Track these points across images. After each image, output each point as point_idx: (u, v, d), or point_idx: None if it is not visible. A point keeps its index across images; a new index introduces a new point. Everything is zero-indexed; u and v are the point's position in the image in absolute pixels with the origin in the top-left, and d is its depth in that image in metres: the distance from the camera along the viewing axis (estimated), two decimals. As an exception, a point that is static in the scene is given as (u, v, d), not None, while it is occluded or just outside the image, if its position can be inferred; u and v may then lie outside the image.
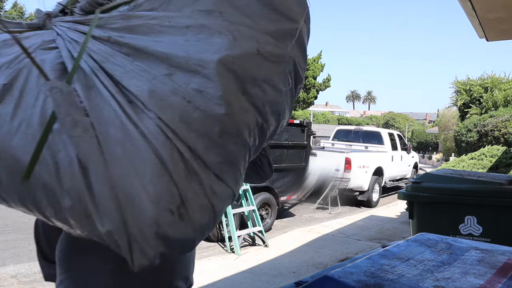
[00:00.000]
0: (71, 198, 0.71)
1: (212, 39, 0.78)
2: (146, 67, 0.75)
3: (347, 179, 9.17)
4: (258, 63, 0.81)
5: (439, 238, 1.30)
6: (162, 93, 0.72)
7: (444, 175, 4.27)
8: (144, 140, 0.70)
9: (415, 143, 40.67)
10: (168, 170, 0.70)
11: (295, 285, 0.97)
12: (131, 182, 0.69)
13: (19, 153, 0.73)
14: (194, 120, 0.73)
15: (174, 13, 0.80)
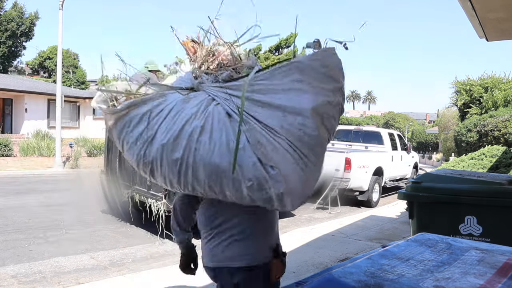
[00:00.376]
0: (250, 181, 1.49)
1: (304, 96, 1.57)
2: (271, 112, 1.54)
3: (347, 179, 9.16)
4: (329, 107, 1.64)
5: (439, 238, 1.30)
6: (284, 127, 1.52)
7: (444, 175, 4.27)
8: (287, 150, 1.51)
9: (415, 143, 40.65)
10: (302, 164, 1.55)
11: (295, 285, 0.97)
12: (287, 169, 1.50)
13: (218, 162, 1.51)
14: (303, 139, 1.54)
15: (279, 81, 1.58)
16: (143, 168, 1.76)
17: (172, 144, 1.60)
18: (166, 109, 1.65)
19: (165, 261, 5.11)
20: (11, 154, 15.48)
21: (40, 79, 33.07)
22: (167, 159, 1.62)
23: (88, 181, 9.32)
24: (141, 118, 1.71)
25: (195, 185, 1.61)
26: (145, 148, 1.68)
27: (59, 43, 14.42)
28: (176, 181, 1.64)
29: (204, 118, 1.57)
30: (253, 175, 1.50)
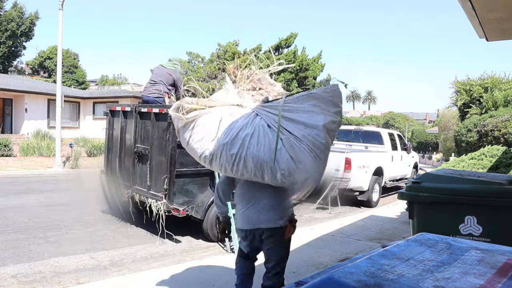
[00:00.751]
0: (283, 171, 2.46)
1: (319, 116, 2.53)
2: (296, 126, 2.50)
3: (347, 179, 9.16)
4: (333, 125, 2.58)
5: (439, 238, 1.30)
6: (305, 136, 2.49)
7: (444, 175, 4.26)
8: (307, 151, 2.49)
9: (415, 143, 40.64)
10: (316, 161, 2.54)
11: (295, 285, 0.97)
12: (307, 163, 2.50)
13: (263, 156, 2.46)
14: (316, 144, 2.51)
15: (301, 105, 2.55)
16: (204, 159, 2.72)
17: (230, 143, 2.54)
18: (223, 117, 2.66)
19: (165, 261, 5.11)
20: (11, 154, 15.48)
21: (40, 79, 33.06)
22: (226, 153, 2.56)
23: (88, 181, 9.33)
24: (204, 124, 2.70)
25: (244, 171, 2.56)
26: (207, 146, 2.64)
27: (59, 43, 14.42)
28: (230, 168, 2.58)
29: (252, 127, 2.55)
30: (286, 166, 2.48)
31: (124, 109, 6.70)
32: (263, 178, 2.55)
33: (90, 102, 25.51)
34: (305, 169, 2.53)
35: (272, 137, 2.50)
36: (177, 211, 5.55)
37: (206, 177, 5.96)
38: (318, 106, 2.57)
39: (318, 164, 2.59)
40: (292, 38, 21.89)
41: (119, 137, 6.73)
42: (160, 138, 5.89)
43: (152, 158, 6.03)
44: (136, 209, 6.39)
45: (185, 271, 4.61)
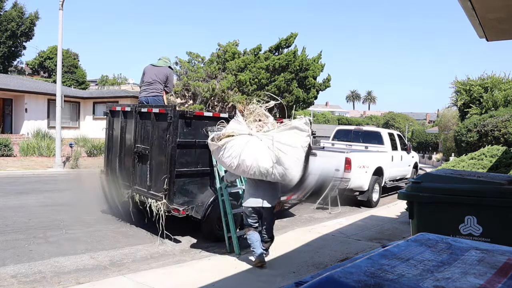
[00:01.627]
0: (279, 173, 4.48)
1: (299, 139, 4.64)
2: (285, 146, 4.50)
3: (347, 179, 9.15)
4: (306, 144, 4.68)
5: (439, 238, 1.30)
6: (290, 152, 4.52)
7: (444, 175, 4.26)
8: (292, 161, 4.50)
9: (415, 143, 40.65)
10: (298, 167, 4.58)
11: (295, 285, 0.97)
12: (293, 169, 4.51)
13: (266, 166, 4.48)
14: (298, 157, 4.56)
15: (287, 133, 4.63)
16: (230, 168, 4.65)
17: (248, 162, 4.44)
18: (241, 143, 4.53)
19: (165, 261, 5.11)
20: (11, 154, 15.48)
21: (40, 79, 33.06)
22: (244, 166, 4.47)
23: (88, 181, 9.32)
24: (232, 146, 4.54)
25: (256, 174, 4.51)
26: (234, 160, 4.51)
27: (59, 43, 14.42)
28: (247, 173, 4.55)
29: (260, 151, 4.46)
30: (279, 171, 4.45)
31: (124, 109, 6.70)
32: (267, 177, 4.58)
33: (90, 102, 25.52)
34: (291, 172, 4.54)
35: (270, 154, 4.49)
36: (177, 211, 5.55)
37: (206, 177, 5.96)
38: (299, 133, 4.65)
39: (299, 168, 4.60)
40: (292, 38, 21.88)
41: (119, 137, 6.73)
42: (160, 138, 5.89)
43: (152, 158, 6.03)
44: (136, 209, 6.39)
45: (185, 271, 4.61)
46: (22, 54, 36.28)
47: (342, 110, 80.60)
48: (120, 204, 6.64)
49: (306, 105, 23.68)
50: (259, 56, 21.24)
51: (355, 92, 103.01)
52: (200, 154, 5.90)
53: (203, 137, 5.88)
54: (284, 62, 20.63)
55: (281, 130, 4.64)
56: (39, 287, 4.12)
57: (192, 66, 21.43)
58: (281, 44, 21.99)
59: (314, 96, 23.11)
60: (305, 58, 21.98)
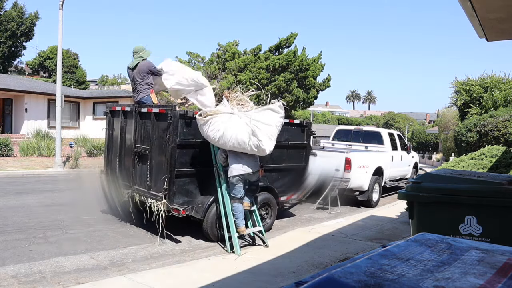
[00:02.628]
0: (254, 144, 5.31)
1: (273, 119, 5.56)
2: (261, 124, 5.38)
3: (347, 179, 9.15)
4: (279, 123, 5.62)
5: (439, 238, 1.30)
6: (265, 128, 5.40)
7: (444, 175, 4.26)
8: (266, 135, 5.38)
9: (415, 143, 40.64)
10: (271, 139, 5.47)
11: (295, 285, 0.97)
12: (266, 141, 5.36)
13: (243, 138, 5.29)
14: (271, 132, 5.45)
15: (264, 112, 5.54)
16: (213, 140, 5.42)
17: (228, 135, 5.28)
18: (224, 119, 5.37)
19: (165, 261, 5.11)
20: (11, 154, 15.48)
21: (40, 79, 33.06)
22: (225, 138, 5.30)
23: (88, 181, 9.32)
24: (216, 122, 5.35)
25: (235, 145, 5.33)
26: (217, 133, 5.32)
27: (59, 43, 14.41)
28: (228, 144, 5.34)
29: (239, 124, 5.34)
30: (254, 143, 5.31)
31: (124, 109, 6.70)
32: (244, 149, 5.35)
33: (90, 102, 25.52)
34: (264, 143, 5.31)
35: (247, 129, 5.30)
36: (177, 211, 5.55)
37: (206, 177, 5.96)
38: (273, 114, 5.51)
39: (271, 142, 5.42)
40: (292, 38, 21.88)
41: (119, 137, 6.73)
42: (160, 138, 5.88)
43: (152, 158, 6.03)
44: (136, 209, 6.39)
45: (185, 271, 4.61)
46: (22, 54, 36.30)
47: (342, 110, 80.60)
48: (120, 204, 6.64)
49: (306, 105, 23.69)
50: (259, 56, 21.24)
51: (355, 92, 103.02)
52: (200, 154, 5.90)
53: (203, 137, 5.88)
54: (284, 62, 20.63)
55: (258, 111, 5.52)
56: (39, 287, 4.12)
57: (192, 66, 21.44)
58: (281, 44, 21.99)
59: (314, 96, 23.12)
60: (305, 58, 21.98)
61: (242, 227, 5.54)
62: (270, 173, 6.96)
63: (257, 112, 5.50)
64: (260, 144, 5.29)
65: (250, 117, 5.39)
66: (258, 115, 5.43)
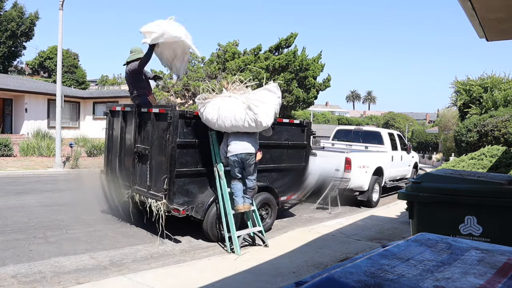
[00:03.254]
0: (251, 119, 5.40)
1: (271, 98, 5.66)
2: (258, 102, 5.48)
3: (347, 179, 9.15)
4: (278, 103, 5.76)
5: (439, 238, 1.30)
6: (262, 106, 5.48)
7: (444, 175, 4.26)
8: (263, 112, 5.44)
9: (415, 143, 40.63)
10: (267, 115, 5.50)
11: (295, 285, 0.97)
12: (263, 116, 5.44)
13: (240, 117, 5.44)
14: (270, 110, 5.53)
15: (261, 93, 5.65)
16: (212, 121, 5.55)
17: (225, 113, 5.43)
18: (220, 100, 5.60)
19: (165, 261, 5.11)
20: (11, 154, 15.48)
21: (40, 79, 33.06)
22: (222, 117, 5.45)
23: (88, 181, 9.32)
24: (213, 103, 5.59)
25: (234, 124, 5.44)
26: (214, 113, 5.50)
27: (59, 43, 14.41)
28: (225, 123, 5.47)
29: (236, 105, 5.49)
30: (250, 117, 5.39)
31: (124, 109, 6.70)
32: (243, 125, 5.43)
33: (90, 102, 25.52)
34: (261, 116, 5.38)
35: (245, 108, 5.42)
36: (177, 211, 5.55)
37: (206, 177, 5.96)
38: (271, 94, 5.62)
39: (268, 116, 5.47)
40: (292, 38, 21.88)
41: (119, 137, 6.73)
42: (160, 138, 5.88)
43: (152, 158, 6.03)
44: (136, 209, 6.39)
45: (185, 271, 4.61)
46: (22, 54, 36.31)
47: (342, 110, 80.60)
48: (120, 204, 6.64)
49: (306, 105, 23.68)
50: (259, 56, 21.24)
51: (355, 92, 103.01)
52: (200, 154, 5.90)
53: (203, 137, 5.88)
54: (284, 62, 20.63)
55: (254, 92, 5.69)
56: (39, 287, 4.12)
57: (192, 66, 21.42)
58: (281, 44, 21.98)
59: (314, 96, 23.11)
60: (305, 58, 21.97)
61: (240, 205, 5.61)
62: (270, 173, 6.96)
63: (253, 93, 5.65)
64: (256, 117, 5.34)
65: (246, 96, 5.54)
66: (254, 95, 5.55)
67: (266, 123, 5.45)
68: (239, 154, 5.55)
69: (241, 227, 5.91)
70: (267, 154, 6.70)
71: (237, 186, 5.67)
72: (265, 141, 6.54)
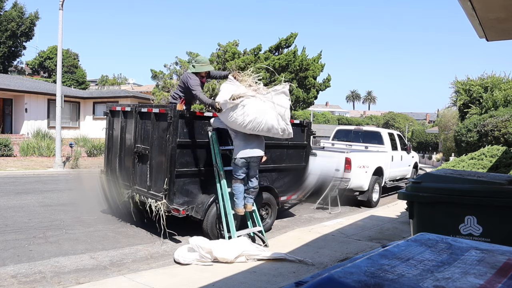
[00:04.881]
0: (282, 128, 5.51)
1: (286, 101, 5.67)
2: (278, 107, 5.51)
3: (347, 179, 9.15)
4: (289, 105, 5.70)
5: (439, 238, 1.30)
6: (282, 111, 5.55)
7: (444, 175, 4.26)
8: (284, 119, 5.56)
9: (415, 143, 40.62)
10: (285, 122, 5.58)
11: (295, 285, 0.97)
12: (288, 122, 5.60)
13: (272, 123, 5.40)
14: (286, 115, 5.56)
15: (279, 96, 5.57)
16: (241, 124, 5.26)
17: (257, 117, 5.24)
18: (254, 103, 5.27)
19: (165, 261, 5.11)
20: (11, 154, 15.48)
21: (40, 79, 33.06)
22: (253, 121, 5.23)
23: (88, 181, 9.32)
24: (247, 107, 5.21)
25: (262, 129, 5.37)
26: (247, 118, 5.21)
27: (59, 43, 14.41)
28: (256, 128, 5.31)
29: (266, 108, 5.35)
30: (282, 127, 5.49)
31: (124, 109, 6.70)
32: (273, 133, 5.51)
33: (90, 102, 25.53)
34: (290, 127, 5.62)
35: (274, 113, 5.41)
36: (177, 211, 5.55)
37: (206, 177, 5.96)
38: (286, 97, 5.64)
39: (287, 123, 5.55)
40: (292, 38, 21.88)
41: (119, 137, 6.73)
42: (160, 138, 5.88)
43: (152, 158, 6.03)
44: (136, 209, 6.39)
45: (185, 271, 4.61)
46: (22, 54, 36.37)
47: (342, 110, 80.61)
48: (120, 204, 6.64)
49: (306, 105, 23.68)
50: (259, 56, 21.24)
51: (355, 92, 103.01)
52: (200, 154, 5.90)
53: (203, 137, 5.88)
54: (284, 62, 20.63)
55: (275, 94, 5.57)
56: (39, 287, 4.12)
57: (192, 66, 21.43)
58: (281, 44, 21.99)
59: (314, 96, 23.11)
60: (305, 58, 21.98)
61: (240, 208, 5.61)
62: (270, 173, 6.96)
63: (275, 95, 5.51)
64: (287, 128, 5.53)
65: (272, 101, 5.43)
66: (277, 99, 5.48)
67: (291, 132, 5.67)
68: (248, 157, 5.53)
69: (241, 227, 5.91)
70: (267, 154, 6.70)
71: (239, 189, 5.62)
72: (265, 141, 6.53)
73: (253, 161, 5.60)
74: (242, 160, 5.52)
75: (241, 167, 5.55)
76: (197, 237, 5.00)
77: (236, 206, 5.61)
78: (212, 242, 5.08)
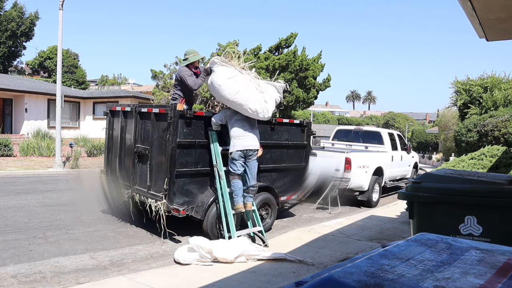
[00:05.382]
0: (260, 107, 5.70)
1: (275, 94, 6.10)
2: (266, 94, 5.91)
3: (347, 179, 9.15)
4: (279, 98, 6.17)
5: (439, 238, 1.30)
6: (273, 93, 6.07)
7: (444, 175, 4.26)
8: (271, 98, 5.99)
9: (415, 143, 40.62)
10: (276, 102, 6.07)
11: (295, 285, 0.97)
12: (272, 104, 5.91)
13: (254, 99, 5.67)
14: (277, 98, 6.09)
15: (271, 87, 6.09)
16: (227, 93, 5.55)
17: (241, 90, 5.55)
18: (243, 81, 5.68)
19: (165, 261, 5.11)
20: (11, 154, 15.48)
21: (40, 79, 33.06)
22: (236, 96, 5.53)
23: (88, 181, 9.32)
24: (236, 80, 5.62)
25: (241, 107, 5.62)
26: (234, 90, 5.54)
27: (59, 43, 14.41)
28: (233, 103, 5.61)
29: (248, 84, 5.69)
30: (263, 108, 5.72)
31: (124, 109, 6.70)
32: (253, 113, 5.64)
33: (90, 102, 25.53)
34: (269, 109, 5.80)
35: (259, 91, 5.73)
36: (177, 211, 5.54)
37: (206, 177, 5.96)
38: (276, 89, 6.06)
39: (271, 112, 5.87)
40: (292, 38, 21.87)
41: (119, 137, 6.73)
42: (160, 138, 5.88)
43: (152, 158, 6.03)
44: (136, 209, 6.39)
45: (185, 271, 4.61)
46: (22, 54, 36.38)
47: (342, 110, 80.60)
48: (120, 204, 6.64)
49: (306, 105, 23.66)
50: (259, 56, 21.23)
51: (355, 92, 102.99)
52: (200, 154, 5.90)
53: (203, 137, 5.88)
54: (284, 62, 20.62)
55: (265, 83, 6.02)
56: (39, 287, 4.12)
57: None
58: (281, 44, 21.98)
59: (314, 96, 23.09)
60: (305, 58, 21.97)
61: (240, 204, 5.63)
62: (270, 173, 6.96)
63: (263, 83, 5.91)
64: (267, 110, 5.75)
65: (257, 83, 5.76)
66: (264, 87, 5.84)
67: (269, 116, 5.96)
68: (244, 150, 5.63)
69: (241, 227, 5.91)
70: (267, 154, 6.70)
71: (238, 185, 5.65)
72: (265, 141, 6.54)
73: (250, 154, 5.69)
74: (239, 153, 5.61)
75: (237, 160, 5.62)
76: (197, 237, 5.00)
77: (236, 202, 5.64)
78: (212, 242, 5.07)
